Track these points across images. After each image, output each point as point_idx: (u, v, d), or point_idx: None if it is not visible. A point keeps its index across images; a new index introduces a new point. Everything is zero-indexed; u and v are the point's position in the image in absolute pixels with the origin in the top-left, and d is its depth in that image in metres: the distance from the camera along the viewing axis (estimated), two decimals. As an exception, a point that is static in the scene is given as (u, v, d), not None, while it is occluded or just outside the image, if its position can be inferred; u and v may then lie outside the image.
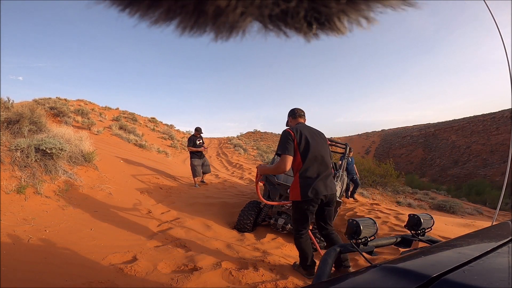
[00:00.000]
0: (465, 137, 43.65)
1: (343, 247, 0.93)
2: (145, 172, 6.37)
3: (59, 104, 11.52)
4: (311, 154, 2.23)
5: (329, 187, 2.26)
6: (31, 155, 3.53)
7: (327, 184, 2.26)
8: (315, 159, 2.25)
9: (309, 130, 2.38)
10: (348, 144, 4.56)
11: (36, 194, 3.21)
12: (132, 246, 2.69)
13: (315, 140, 2.31)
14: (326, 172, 2.28)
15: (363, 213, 4.70)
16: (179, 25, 0.24)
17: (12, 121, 4.21)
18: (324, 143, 2.40)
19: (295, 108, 2.59)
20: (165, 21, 0.24)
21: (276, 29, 0.23)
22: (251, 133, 56.70)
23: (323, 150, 2.33)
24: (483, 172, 32.69)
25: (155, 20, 0.23)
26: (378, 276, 0.55)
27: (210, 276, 2.21)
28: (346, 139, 63.05)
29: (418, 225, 1.09)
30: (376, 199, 9.42)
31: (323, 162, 2.29)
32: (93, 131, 9.95)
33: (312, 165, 2.24)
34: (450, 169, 38.56)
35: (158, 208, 4.13)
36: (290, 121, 2.57)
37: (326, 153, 2.35)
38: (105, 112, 16.73)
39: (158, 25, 0.24)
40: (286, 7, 0.21)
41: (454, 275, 0.50)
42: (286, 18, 0.22)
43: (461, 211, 10.60)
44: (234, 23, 0.22)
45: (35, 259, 2.09)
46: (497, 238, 0.83)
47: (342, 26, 0.24)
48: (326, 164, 2.31)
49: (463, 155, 39.82)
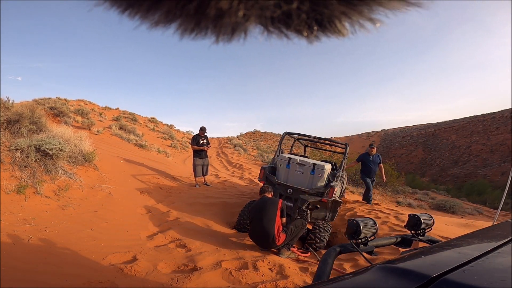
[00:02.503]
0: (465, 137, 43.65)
1: (343, 247, 0.93)
2: (145, 172, 6.37)
3: (59, 104, 11.51)
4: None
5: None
6: (31, 155, 3.52)
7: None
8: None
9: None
10: (348, 144, 4.56)
11: (36, 194, 3.21)
12: (132, 246, 2.69)
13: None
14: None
15: (363, 213, 4.69)
16: (179, 27, 0.23)
17: (12, 121, 4.21)
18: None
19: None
20: (165, 24, 0.23)
21: (277, 31, 0.23)
22: (251, 133, 56.68)
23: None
24: (483, 172, 32.69)
25: (155, 22, 0.23)
26: (378, 276, 0.55)
27: (210, 276, 2.21)
28: (346, 139, 63.07)
29: (418, 225, 1.09)
30: (376, 199, 9.41)
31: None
32: (93, 131, 9.95)
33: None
34: (450, 169, 38.55)
35: (158, 208, 4.12)
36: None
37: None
38: (105, 112, 16.72)
39: (159, 27, 0.24)
40: (287, 9, 0.21)
41: (454, 275, 0.50)
42: (288, 20, 0.22)
43: (461, 211, 10.60)
44: (236, 25, 0.22)
45: (35, 259, 2.09)
46: (497, 238, 0.83)
47: (343, 28, 0.24)
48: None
49: (463, 155, 39.82)
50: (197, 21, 0.23)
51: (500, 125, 38.28)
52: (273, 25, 0.23)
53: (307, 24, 0.23)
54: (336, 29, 0.24)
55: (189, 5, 0.22)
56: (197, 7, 0.22)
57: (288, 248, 3.04)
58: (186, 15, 0.22)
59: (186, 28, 0.24)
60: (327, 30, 0.24)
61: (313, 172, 3.69)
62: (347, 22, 0.23)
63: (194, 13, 0.22)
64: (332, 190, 3.46)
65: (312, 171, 3.70)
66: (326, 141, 4.98)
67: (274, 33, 0.24)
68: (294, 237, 3.06)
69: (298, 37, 0.25)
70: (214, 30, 0.23)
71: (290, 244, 3.06)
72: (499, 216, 3.53)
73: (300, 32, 0.24)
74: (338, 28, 0.24)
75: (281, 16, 0.22)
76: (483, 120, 42.98)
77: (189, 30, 0.24)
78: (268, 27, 0.23)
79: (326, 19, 0.23)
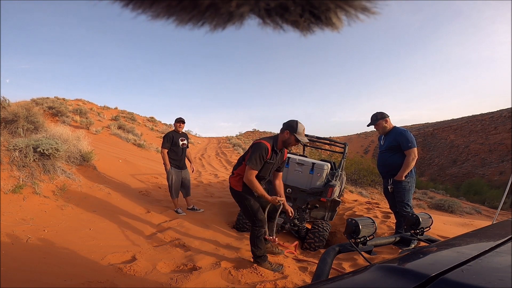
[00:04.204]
0: (463, 136, 43.75)
1: (342, 246, 0.93)
2: (144, 171, 6.36)
3: (57, 104, 11.48)
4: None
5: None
6: (29, 155, 3.51)
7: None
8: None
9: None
10: (347, 143, 4.56)
11: (34, 194, 3.20)
12: (131, 246, 2.69)
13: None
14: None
15: (362, 212, 4.70)
16: (177, 18, 0.24)
17: (9, 121, 4.19)
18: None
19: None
20: (165, 15, 0.24)
21: (273, 23, 0.24)
22: (250, 132, 56.67)
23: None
24: (482, 171, 32.79)
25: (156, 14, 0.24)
26: (377, 275, 0.55)
27: (209, 276, 2.21)
28: (345, 139, 63.14)
29: (416, 224, 1.09)
30: (375, 199, 9.43)
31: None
32: (91, 131, 9.92)
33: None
34: (448, 169, 38.66)
35: (157, 207, 4.12)
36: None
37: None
38: (104, 111, 16.69)
39: (159, 19, 0.24)
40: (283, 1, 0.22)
41: (452, 274, 0.50)
42: (283, 12, 0.23)
43: (459, 210, 10.63)
44: (231, 13, 0.22)
45: (34, 259, 2.08)
46: (496, 237, 0.83)
47: (338, 21, 0.24)
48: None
49: (462, 155, 39.92)
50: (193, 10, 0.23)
51: (498, 124, 38.40)
52: (270, 17, 0.23)
53: (303, 17, 0.23)
54: (330, 22, 0.24)
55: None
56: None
57: (258, 240, 2.42)
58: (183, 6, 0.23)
59: (183, 19, 0.24)
60: (322, 23, 0.24)
61: (312, 172, 3.70)
62: (342, 14, 0.24)
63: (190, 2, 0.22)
64: (331, 190, 3.46)
65: (311, 171, 3.70)
66: (325, 140, 4.98)
67: (269, 25, 0.24)
68: (253, 215, 2.45)
69: (294, 29, 0.25)
70: (209, 18, 0.23)
71: (259, 231, 2.43)
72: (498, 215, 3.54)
73: (296, 24, 0.24)
74: (333, 21, 0.24)
75: (277, 8, 0.23)
76: (481, 119, 43.11)
77: (186, 20, 0.24)
78: (265, 19, 0.23)
79: (322, 11, 0.23)
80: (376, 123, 3.07)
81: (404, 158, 2.86)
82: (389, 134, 3.04)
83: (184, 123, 4.05)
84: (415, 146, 2.84)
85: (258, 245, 2.43)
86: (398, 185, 2.88)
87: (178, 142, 3.95)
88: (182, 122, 4.02)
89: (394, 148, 2.94)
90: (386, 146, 3.04)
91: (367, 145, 59.29)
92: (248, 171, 2.33)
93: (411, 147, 2.83)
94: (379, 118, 3.04)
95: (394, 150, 2.95)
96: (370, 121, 3.15)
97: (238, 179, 2.51)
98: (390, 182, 2.96)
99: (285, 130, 2.39)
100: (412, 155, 2.82)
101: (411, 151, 2.82)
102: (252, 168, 2.32)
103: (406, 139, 2.85)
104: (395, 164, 2.91)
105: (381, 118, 3.04)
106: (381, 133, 3.12)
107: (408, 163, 2.81)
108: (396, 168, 2.89)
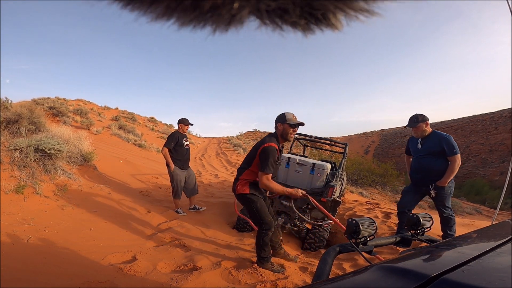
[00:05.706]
0: (464, 136, 43.69)
1: (343, 246, 0.93)
2: (144, 171, 6.37)
3: (58, 104, 11.49)
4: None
5: None
6: (30, 155, 3.52)
7: None
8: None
9: None
10: (347, 144, 4.56)
11: (35, 194, 3.20)
12: (132, 246, 2.69)
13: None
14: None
15: (363, 212, 4.70)
16: (178, 20, 0.24)
17: (11, 121, 4.20)
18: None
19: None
20: (165, 17, 0.24)
21: (273, 24, 0.24)
22: (251, 132, 56.69)
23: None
24: (482, 171, 32.74)
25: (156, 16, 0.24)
26: (377, 275, 0.55)
27: (209, 276, 2.21)
28: (346, 139, 63.10)
29: (417, 224, 1.09)
30: (376, 199, 9.42)
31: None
32: (92, 131, 9.93)
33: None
34: (449, 169, 38.60)
35: (158, 207, 4.12)
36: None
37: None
38: (104, 111, 16.71)
39: (159, 20, 0.24)
40: (282, 2, 0.22)
41: (453, 274, 0.50)
42: (283, 14, 0.23)
43: (460, 210, 10.62)
44: (232, 15, 0.22)
45: (34, 259, 2.08)
46: (496, 237, 0.83)
47: (337, 22, 0.24)
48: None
49: (462, 155, 39.76)
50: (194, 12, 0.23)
51: (499, 124, 38.34)
52: (269, 18, 0.23)
53: (302, 18, 0.24)
54: (330, 23, 0.24)
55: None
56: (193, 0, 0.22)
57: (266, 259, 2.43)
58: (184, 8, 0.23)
59: (184, 21, 0.24)
60: (322, 23, 0.24)
61: (313, 172, 3.69)
62: (342, 16, 0.24)
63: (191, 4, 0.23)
64: (332, 190, 3.46)
65: (311, 171, 3.70)
66: (326, 140, 4.98)
67: (269, 26, 0.24)
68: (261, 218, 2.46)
69: (293, 30, 0.25)
70: (211, 20, 0.24)
71: (265, 234, 2.44)
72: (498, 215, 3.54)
73: (295, 25, 0.24)
74: (332, 22, 0.24)
75: (276, 10, 0.23)
76: (482, 120, 43.05)
77: (187, 22, 0.24)
78: (264, 20, 0.24)
79: (321, 13, 0.23)
80: (416, 126, 2.95)
81: (445, 163, 2.85)
82: (429, 138, 2.96)
83: (185, 124, 4.11)
84: (459, 153, 2.80)
85: (264, 248, 2.45)
86: (441, 190, 2.86)
87: (183, 142, 3.99)
88: (190, 124, 4.12)
89: (436, 154, 2.88)
90: (426, 150, 2.95)
91: (367, 145, 59.25)
92: (262, 176, 2.34)
93: (456, 153, 2.80)
94: (420, 121, 2.94)
95: (436, 155, 2.88)
96: (408, 122, 3.03)
97: (244, 183, 2.51)
98: (432, 187, 2.90)
99: (277, 123, 2.49)
100: (458, 161, 2.80)
101: (456, 157, 2.80)
102: (267, 173, 2.34)
103: (452, 145, 2.82)
104: (439, 170, 2.86)
105: (422, 120, 2.93)
106: (418, 136, 3.02)
107: (454, 169, 2.80)
108: (438, 174, 2.86)
